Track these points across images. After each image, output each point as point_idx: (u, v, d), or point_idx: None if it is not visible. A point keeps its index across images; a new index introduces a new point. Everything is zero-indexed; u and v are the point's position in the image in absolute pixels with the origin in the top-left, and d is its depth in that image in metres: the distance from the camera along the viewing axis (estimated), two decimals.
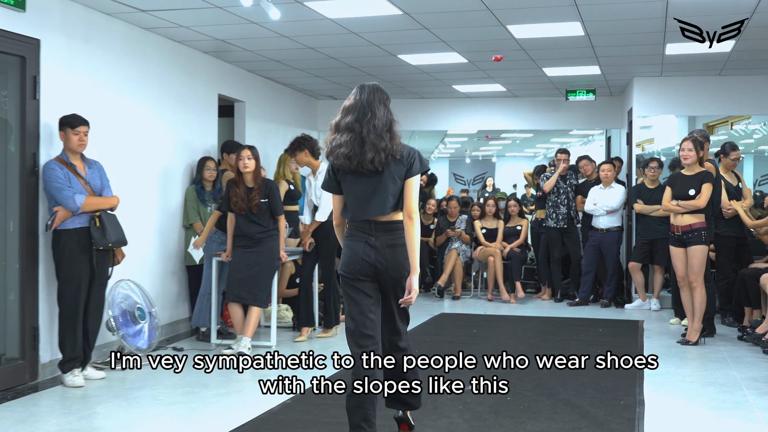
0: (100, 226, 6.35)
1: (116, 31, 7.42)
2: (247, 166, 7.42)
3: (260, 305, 7.45)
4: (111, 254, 6.54)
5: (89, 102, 6.99)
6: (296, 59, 9.47)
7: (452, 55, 9.13)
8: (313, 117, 13.09)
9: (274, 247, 7.57)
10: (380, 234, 4.33)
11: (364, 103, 4.36)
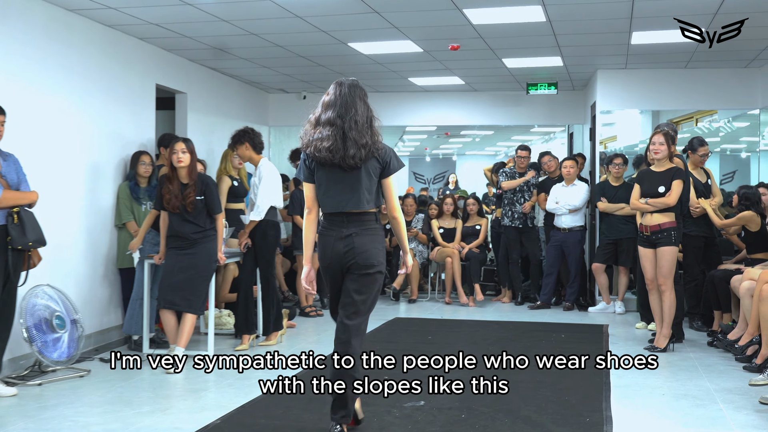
0: (18, 223, 5.72)
1: (36, 12, 6.77)
2: (181, 160, 6.79)
3: (195, 312, 6.83)
4: (26, 256, 5.89)
5: (4, 88, 6.33)
6: (239, 47, 8.84)
7: (406, 43, 8.57)
8: (264, 111, 12.47)
9: (210, 249, 6.95)
10: (352, 225, 4.46)
11: (345, 99, 4.41)
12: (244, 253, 7.64)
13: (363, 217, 4.49)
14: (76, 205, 7.41)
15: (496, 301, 10.93)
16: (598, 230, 10.16)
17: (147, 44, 8.60)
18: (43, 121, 6.92)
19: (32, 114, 6.75)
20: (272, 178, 7.65)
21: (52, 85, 7.05)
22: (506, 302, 10.74)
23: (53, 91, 7.07)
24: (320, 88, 12.00)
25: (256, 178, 7.59)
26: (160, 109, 9.53)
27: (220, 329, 8.26)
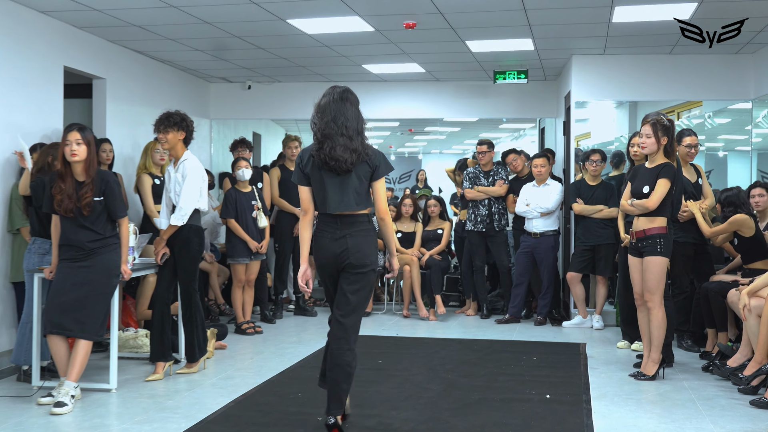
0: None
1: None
2: (75, 153, 5.58)
3: (89, 337, 5.59)
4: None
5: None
6: (160, 23, 7.63)
7: (354, 20, 7.41)
8: (204, 102, 11.26)
9: (111, 261, 5.74)
10: (345, 227, 4.63)
11: (337, 105, 4.60)
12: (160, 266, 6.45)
13: (355, 218, 4.64)
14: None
15: (460, 313, 9.81)
16: (573, 235, 9.05)
17: (52, 19, 7.38)
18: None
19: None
20: (198, 176, 6.47)
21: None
22: (471, 315, 9.62)
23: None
24: (266, 76, 10.82)
25: (179, 174, 6.40)
26: (74, 98, 8.32)
27: (135, 352, 7.06)
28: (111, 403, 5.64)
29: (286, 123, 13.76)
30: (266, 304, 9.17)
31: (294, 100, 11.43)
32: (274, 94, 11.44)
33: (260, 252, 8.32)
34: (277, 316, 9.25)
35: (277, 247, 9.35)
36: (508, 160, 9.57)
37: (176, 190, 6.38)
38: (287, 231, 9.32)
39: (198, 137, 11.05)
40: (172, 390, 5.99)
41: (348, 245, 4.60)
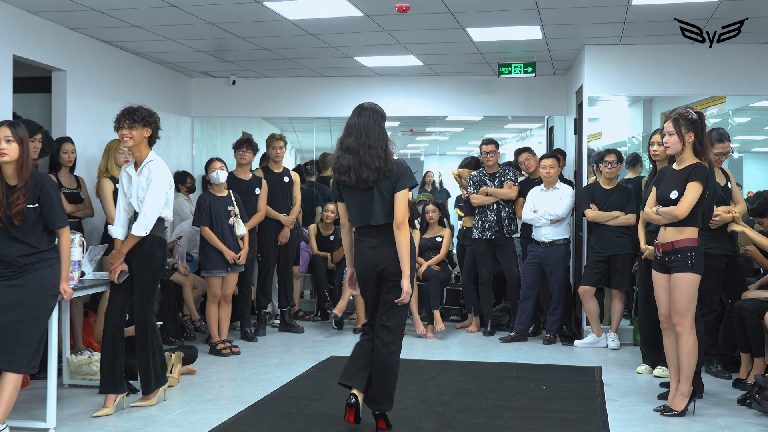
0: None
1: None
2: (4, 152, 4.74)
3: (20, 370, 4.73)
4: None
5: None
6: (121, 8, 6.79)
7: (338, 1, 6.54)
8: (185, 99, 10.43)
9: (47, 278, 4.88)
10: (380, 235, 4.89)
11: (363, 123, 4.84)
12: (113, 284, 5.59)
13: (385, 228, 4.87)
14: None
15: (460, 328, 8.95)
16: (586, 244, 8.16)
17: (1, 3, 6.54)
18: None
19: None
20: (165, 181, 5.63)
21: None
22: (473, 331, 8.74)
23: None
24: (251, 71, 9.98)
25: (143, 178, 5.55)
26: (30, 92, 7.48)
27: (89, 380, 6.21)
28: None
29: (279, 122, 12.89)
30: (248, 320, 8.30)
31: (282, 97, 10.59)
32: (261, 90, 10.59)
33: (238, 263, 7.46)
34: (259, 333, 8.39)
35: (260, 257, 8.49)
36: (521, 159, 8.69)
37: (139, 195, 5.54)
38: (271, 239, 8.45)
39: (179, 136, 10.30)
40: (122, 428, 5.15)
41: (385, 254, 4.87)
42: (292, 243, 8.68)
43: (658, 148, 6.46)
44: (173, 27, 7.50)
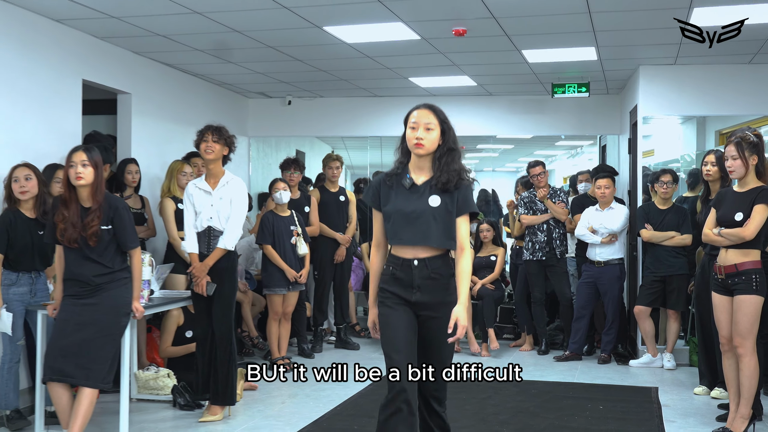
0: None
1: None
2: (80, 176, 4.92)
3: (94, 385, 4.91)
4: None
5: None
6: (186, 32, 6.98)
7: (397, 26, 6.68)
8: (242, 119, 10.64)
9: (120, 297, 5.06)
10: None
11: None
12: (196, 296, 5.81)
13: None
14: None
15: (514, 347, 9.00)
16: (641, 265, 8.17)
17: (68, 29, 6.78)
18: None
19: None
20: (245, 201, 6.00)
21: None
22: (527, 350, 8.78)
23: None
24: (307, 91, 10.16)
25: (225, 194, 5.85)
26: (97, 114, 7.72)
27: (155, 394, 6.39)
28: None
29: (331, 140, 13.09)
30: (304, 337, 8.44)
31: (337, 116, 10.76)
32: (315, 110, 10.77)
33: (299, 282, 7.61)
34: (315, 350, 8.52)
35: (316, 275, 8.63)
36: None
37: (220, 211, 5.77)
38: (327, 257, 8.60)
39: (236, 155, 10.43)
40: None
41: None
42: (348, 261, 8.82)
43: (712, 169, 6.48)
44: (234, 50, 7.69)
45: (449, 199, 3.93)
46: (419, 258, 3.92)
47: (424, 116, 3.97)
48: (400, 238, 3.97)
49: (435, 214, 3.92)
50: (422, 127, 3.95)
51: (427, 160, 3.99)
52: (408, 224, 3.95)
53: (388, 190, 4.03)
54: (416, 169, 4.01)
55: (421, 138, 3.93)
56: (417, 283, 3.91)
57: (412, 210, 3.94)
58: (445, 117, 4.06)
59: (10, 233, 5.56)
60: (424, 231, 3.92)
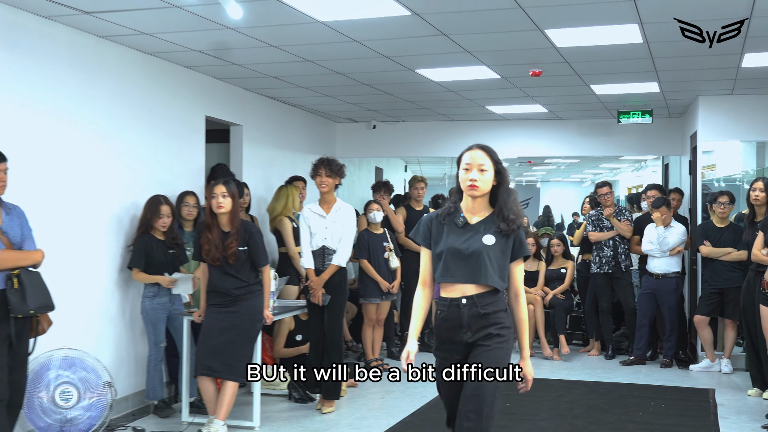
0: (18, 288, 4.94)
1: (58, 38, 6.00)
2: (221, 205, 5.95)
3: (237, 379, 5.94)
4: (34, 322, 5.12)
5: (15, 128, 5.60)
6: (295, 74, 8.01)
7: (481, 69, 7.61)
8: (331, 142, 11.64)
9: (255, 306, 6.08)
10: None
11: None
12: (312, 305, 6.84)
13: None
14: (104, 257, 6.61)
15: (583, 352, 9.82)
16: (700, 278, 8.96)
17: (194, 72, 7.85)
18: (65, 161, 6.14)
19: (52, 153, 6.00)
20: (354, 224, 7.07)
21: (81, 120, 6.29)
22: (594, 355, 9.61)
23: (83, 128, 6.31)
24: (391, 117, 11.14)
25: (338, 218, 6.91)
26: (213, 142, 8.78)
27: (271, 390, 7.40)
28: None
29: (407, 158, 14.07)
30: (392, 341, 9.41)
31: (417, 139, 11.70)
32: (397, 133, 11.73)
33: (391, 292, 8.57)
34: None
35: (403, 286, 9.59)
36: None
37: (334, 233, 6.81)
38: (413, 269, 9.53)
39: None
40: (311, 429, 6.29)
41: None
42: None
43: (760, 195, 7.28)
44: (333, 87, 8.70)
45: (504, 240, 3.88)
46: (467, 296, 3.85)
47: (477, 158, 3.89)
48: (452, 275, 3.87)
49: (489, 253, 3.84)
50: (476, 168, 3.86)
51: (480, 201, 3.93)
52: (461, 261, 3.86)
53: (440, 228, 3.98)
54: (469, 210, 3.95)
55: (476, 179, 3.85)
56: (466, 321, 3.84)
57: (465, 247, 3.86)
58: (498, 158, 3.96)
59: (147, 253, 6.61)
60: (477, 268, 3.83)
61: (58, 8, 5.56)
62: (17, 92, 5.65)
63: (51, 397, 5.57)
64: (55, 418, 5.59)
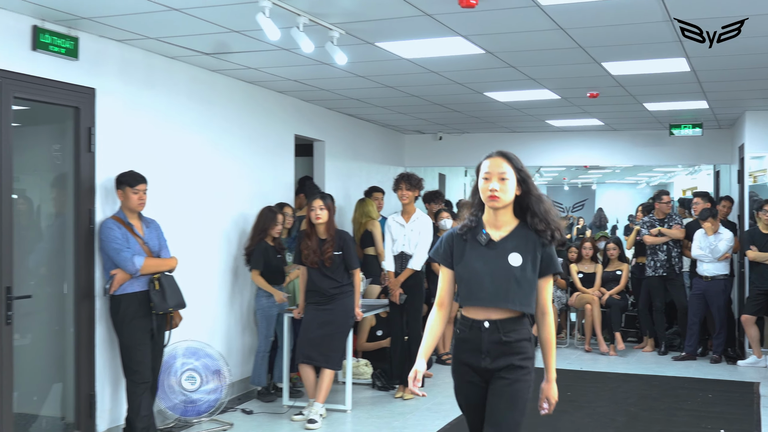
0: (159, 289, 5.95)
1: (179, 75, 6.99)
2: (319, 217, 6.89)
3: (333, 368, 6.90)
4: (168, 318, 6.11)
5: (148, 153, 6.58)
6: (376, 97, 8.94)
7: (543, 92, 8.45)
8: (399, 152, 12.54)
9: (348, 304, 7.01)
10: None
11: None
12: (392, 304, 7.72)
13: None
14: (218, 261, 7.61)
15: (637, 349, 10.57)
16: (747, 280, 9.67)
17: (286, 97, 8.80)
18: (189, 179, 7.14)
19: (179, 173, 6.99)
20: (430, 233, 7.83)
21: (198, 143, 7.28)
22: (648, 351, 10.36)
23: (200, 150, 7.30)
24: (456, 129, 12.00)
25: (416, 227, 7.72)
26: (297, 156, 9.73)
27: (357, 379, 8.31)
28: (348, 422, 6.91)
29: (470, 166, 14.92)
30: None
31: (480, 149, 12.14)
32: (462, 144, 12.57)
33: None
34: None
35: None
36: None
37: (412, 239, 7.66)
38: None
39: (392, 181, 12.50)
40: (396, 412, 7.19)
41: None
42: None
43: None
44: (407, 106, 9.60)
45: (532, 257, 3.59)
46: (491, 320, 3.59)
47: (497, 165, 3.57)
48: (477, 298, 3.61)
49: (516, 275, 3.56)
50: (496, 177, 3.55)
51: (503, 213, 3.63)
52: (485, 284, 3.58)
53: (462, 245, 3.69)
54: (492, 224, 3.65)
55: (496, 189, 3.54)
56: (486, 347, 3.59)
57: (489, 270, 3.58)
58: (520, 165, 3.63)
59: (265, 257, 7.57)
60: (503, 293, 3.56)
61: (182, 51, 6.54)
62: (152, 121, 6.66)
63: (178, 381, 6.54)
64: (180, 399, 6.56)
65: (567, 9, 5.23)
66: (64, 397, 6.08)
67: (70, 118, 5.91)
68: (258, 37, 5.95)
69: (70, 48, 5.67)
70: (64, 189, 5.97)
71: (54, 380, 6.09)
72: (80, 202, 5.93)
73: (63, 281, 5.99)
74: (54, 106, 5.80)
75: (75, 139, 5.91)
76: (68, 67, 5.73)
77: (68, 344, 6.01)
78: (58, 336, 6.05)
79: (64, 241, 5.98)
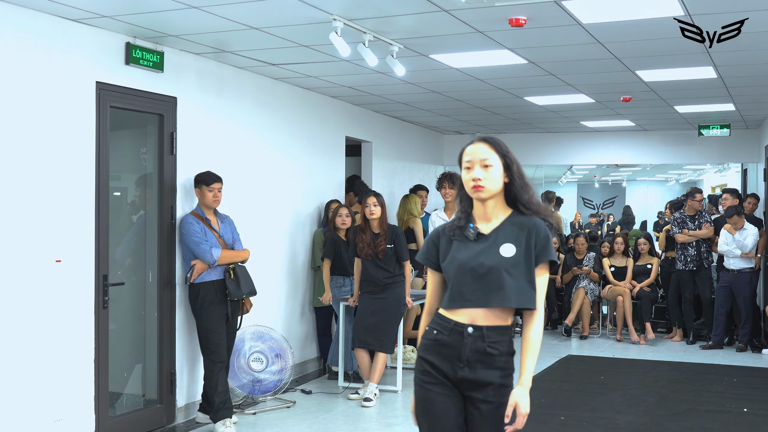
0: (234, 278, 6.60)
1: (247, 83, 7.66)
2: (373, 213, 7.54)
3: (386, 351, 7.54)
4: (240, 304, 6.77)
5: (222, 154, 7.25)
6: (422, 101, 9.57)
7: (579, 96, 9.04)
8: (440, 152, 13.15)
9: (400, 294, 7.65)
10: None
11: None
12: None
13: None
14: (279, 252, 8.28)
15: (666, 339, 11.12)
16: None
17: (338, 101, 9.46)
18: (255, 179, 7.82)
19: (246, 173, 7.66)
20: None
21: (262, 145, 7.94)
22: (677, 341, 10.91)
23: (263, 151, 7.96)
24: (494, 129, 12.58)
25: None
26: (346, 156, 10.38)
27: (405, 364, 8.94)
28: (399, 401, 7.53)
29: None
30: None
31: (517, 149, 12.47)
32: None
33: None
34: None
35: None
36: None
37: None
38: None
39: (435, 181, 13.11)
40: None
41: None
42: None
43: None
44: (451, 109, 10.22)
45: (526, 246, 3.22)
46: (475, 325, 3.18)
47: (479, 152, 3.26)
48: (465, 298, 3.21)
49: (509, 267, 3.18)
50: (478, 164, 3.24)
51: (493, 203, 3.29)
52: (475, 281, 3.20)
53: (447, 243, 3.35)
54: (482, 217, 3.31)
55: (479, 178, 3.22)
56: (466, 356, 3.18)
57: (479, 263, 3.21)
58: (506, 149, 3.31)
59: (336, 248, 8.19)
60: (495, 288, 3.18)
61: (250, 62, 7.20)
62: (224, 126, 7.33)
63: (247, 363, 7.21)
64: (248, 379, 7.23)
65: (605, 26, 5.84)
66: (145, 376, 6.76)
67: (154, 124, 6.59)
68: (325, 51, 6.60)
69: (156, 62, 6.35)
70: (149, 187, 6.66)
71: (136, 361, 6.77)
72: (163, 200, 6.61)
73: (147, 270, 6.68)
74: (141, 113, 6.49)
75: (159, 143, 6.59)
76: (155, 78, 6.42)
77: (151, 328, 6.70)
78: (142, 320, 6.74)
79: (148, 235, 6.66)
